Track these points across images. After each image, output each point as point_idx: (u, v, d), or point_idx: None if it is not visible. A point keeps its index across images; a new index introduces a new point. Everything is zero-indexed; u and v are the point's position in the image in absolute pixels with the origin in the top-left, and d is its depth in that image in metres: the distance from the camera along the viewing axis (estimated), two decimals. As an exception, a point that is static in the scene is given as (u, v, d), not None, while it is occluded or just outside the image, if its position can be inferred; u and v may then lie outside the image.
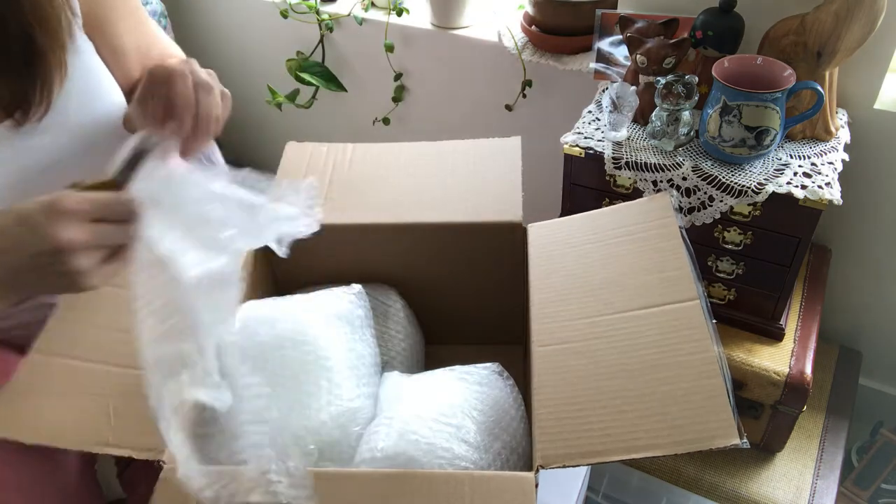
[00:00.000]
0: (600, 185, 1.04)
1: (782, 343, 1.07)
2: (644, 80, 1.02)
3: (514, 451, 0.67)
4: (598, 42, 1.16)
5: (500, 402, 0.69)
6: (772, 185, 0.92)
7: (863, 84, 1.05)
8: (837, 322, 1.32)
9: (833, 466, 1.14)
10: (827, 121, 0.99)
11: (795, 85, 0.91)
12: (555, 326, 0.68)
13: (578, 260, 0.74)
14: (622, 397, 0.60)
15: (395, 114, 1.62)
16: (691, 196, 0.98)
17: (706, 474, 1.14)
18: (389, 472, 0.58)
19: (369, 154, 0.91)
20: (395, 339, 0.85)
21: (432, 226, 0.81)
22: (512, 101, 1.41)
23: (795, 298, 1.13)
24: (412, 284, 0.89)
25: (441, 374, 0.73)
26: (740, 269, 1.03)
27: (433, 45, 1.46)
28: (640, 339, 0.64)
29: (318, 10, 1.52)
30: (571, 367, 0.64)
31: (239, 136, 2.03)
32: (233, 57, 1.80)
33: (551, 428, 0.60)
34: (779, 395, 1.04)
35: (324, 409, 0.68)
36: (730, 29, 1.00)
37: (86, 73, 0.73)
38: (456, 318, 0.93)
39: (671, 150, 1.00)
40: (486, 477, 0.57)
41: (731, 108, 0.91)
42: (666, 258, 0.71)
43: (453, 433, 0.64)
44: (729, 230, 0.99)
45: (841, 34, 0.92)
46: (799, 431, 1.17)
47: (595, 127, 1.07)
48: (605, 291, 0.69)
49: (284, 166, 0.90)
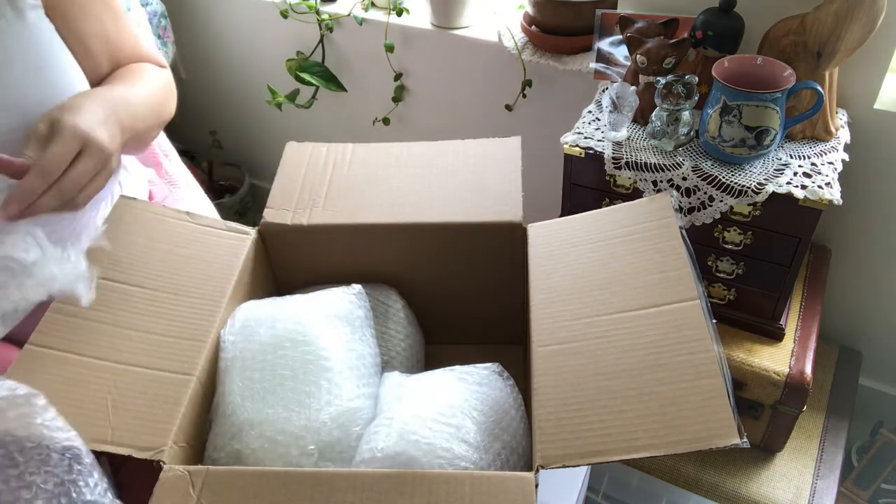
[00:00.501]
0: (600, 185, 1.04)
1: (782, 343, 1.07)
2: (644, 80, 1.02)
3: (514, 451, 0.67)
4: (598, 42, 1.16)
5: (500, 403, 0.69)
6: (772, 185, 0.92)
7: (863, 84, 1.05)
8: (837, 322, 1.32)
9: (833, 466, 1.14)
10: (827, 121, 0.99)
11: (795, 85, 0.91)
12: (555, 326, 0.68)
13: (578, 260, 0.73)
14: (622, 397, 0.60)
15: (395, 114, 1.62)
16: (691, 196, 0.98)
17: (706, 474, 1.15)
18: (389, 472, 0.58)
19: (369, 154, 0.91)
20: (395, 339, 0.85)
21: (432, 226, 0.81)
22: (512, 101, 1.41)
23: (795, 298, 1.13)
24: (412, 284, 0.89)
25: (441, 374, 0.73)
26: (740, 269, 1.03)
27: (433, 45, 1.46)
28: (640, 339, 0.64)
29: (318, 10, 1.52)
30: (571, 367, 0.64)
31: (239, 136, 2.03)
32: (233, 57, 1.80)
33: (551, 428, 0.60)
34: (779, 395, 1.04)
35: (324, 409, 0.68)
36: (730, 29, 1.00)
37: (35, 50, 0.72)
38: (456, 318, 0.93)
39: (671, 150, 1.00)
40: (485, 477, 0.57)
41: (731, 108, 0.91)
42: (666, 258, 0.70)
43: (453, 433, 0.64)
44: (729, 230, 0.99)
45: (841, 34, 0.92)
46: (799, 431, 1.17)
47: (595, 127, 1.07)
48: (605, 291, 0.69)
49: (284, 166, 0.90)
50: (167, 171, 1.08)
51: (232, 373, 0.70)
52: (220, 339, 0.72)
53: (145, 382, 0.66)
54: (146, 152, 1.08)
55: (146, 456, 0.60)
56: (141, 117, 0.79)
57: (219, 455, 0.68)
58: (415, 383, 0.72)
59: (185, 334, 0.70)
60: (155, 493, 0.58)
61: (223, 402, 0.70)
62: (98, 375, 0.66)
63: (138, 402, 0.64)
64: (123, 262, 0.75)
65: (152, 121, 0.83)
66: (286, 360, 0.70)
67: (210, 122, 2.03)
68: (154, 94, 0.83)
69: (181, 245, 0.78)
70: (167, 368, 0.67)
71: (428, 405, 0.67)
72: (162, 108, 0.85)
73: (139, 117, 0.78)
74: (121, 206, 0.80)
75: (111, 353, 0.67)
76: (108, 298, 0.71)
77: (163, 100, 0.86)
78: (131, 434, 0.62)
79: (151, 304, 0.72)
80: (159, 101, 0.84)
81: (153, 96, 0.83)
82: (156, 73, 0.86)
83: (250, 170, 2.11)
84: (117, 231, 0.77)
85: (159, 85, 0.85)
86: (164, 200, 1.02)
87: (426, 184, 0.86)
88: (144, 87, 0.82)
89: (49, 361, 0.66)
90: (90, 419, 0.62)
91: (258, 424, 0.67)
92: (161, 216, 0.80)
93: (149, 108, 0.81)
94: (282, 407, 0.68)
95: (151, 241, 0.77)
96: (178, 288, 0.74)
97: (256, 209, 1.66)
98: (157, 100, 0.84)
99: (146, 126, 0.81)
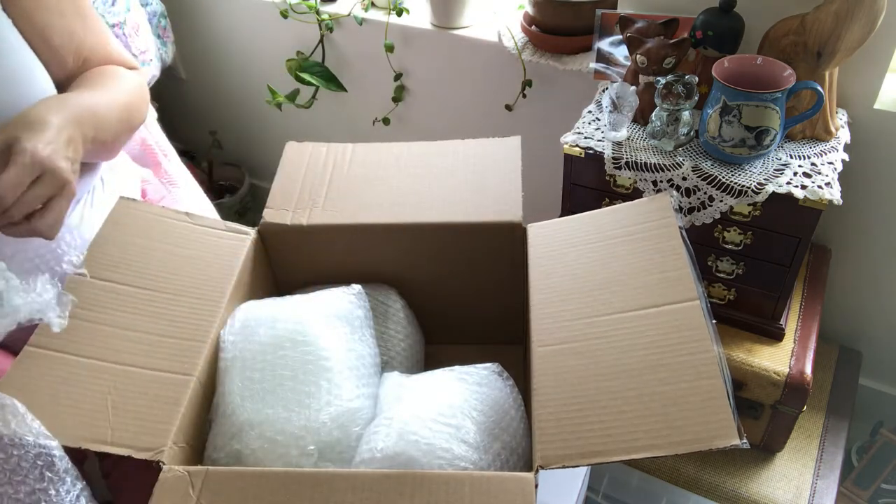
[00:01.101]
0: (600, 185, 1.04)
1: (782, 343, 1.07)
2: (644, 80, 1.02)
3: (514, 451, 0.66)
4: (598, 42, 1.16)
5: (499, 403, 0.69)
6: (772, 185, 0.92)
7: (863, 84, 1.05)
8: (837, 322, 1.32)
9: (833, 466, 1.14)
10: (827, 121, 0.99)
11: (795, 85, 0.91)
12: (555, 326, 0.68)
13: (578, 260, 0.73)
14: (622, 397, 0.60)
15: (395, 114, 1.62)
16: (691, 196, 0.98)
17: (706, 474, 1.14)
18: (389, 472, 0.58)
19: (369, 154, 0.91)
20: (395, 339, 0.85)
21: (432, 226, 0.81)
22: (512, 101, 1.41)
23: (795, 298, 1.13)
24: (412, 284, 0.89)
25: (441, 374, 0.73)
26: (740, 269, 1.03)
27: (433, 45, 1.46)
28: (640, 339, 0.64)
29: (318, 10, 1.52)
30: (571, 367, 0.64)
31: (239, 136, 2.03)
32: (233, 57, 1.80)
33: (551, 428, 0.60)
34: (779, 395, 1.04)
35: (323, 410, 0.68)
36: (730, 29, 1.00)
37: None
38: (456, 318, 0.93)
39: (671, 150, 1.00)
40: (485, 477, 0.57)
41: (731, 108, 0.91)
42: (666, 258, 0.70)
43: (453, 433, 0.64)
44: (729, 230, 0.99)
45: (841, 34, 0.92)
46: (799, 431, 1.17)
47: (595, 127, 1.07)
48: (605, 291, 0.69)
49: (284, 166, 0.90)
50: (166, 171, 1.08)
51: (232, 373, 0.70)
52: (220, 339, 0.72)
53: (145, 383, 0.66)
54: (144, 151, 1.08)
55: (146, 456, 0.60)
56: (108, 127, 0.76)
57: (218, 455, 0.68)
58: (415, 383, 0.72)
59: (185, 335, 0.70)
60: (155, 494, 0.58)
61: (223, 402, 0.70)
62: (97, 376, 0.66)
63: (138, 403, 0.64)
64: (123, 262, 0.75)
65: (121, 129, 0.81)
66: (286, 360, 0.70)
67: (210, 122, 2.03)
68: (124, 102, 0.81)
69: (181, 245, 0.78)
70: (167, 369, 0.67)
71: (428, 405, 0.66)
72: (132, 115, 0.83)
73: (106, 128, 0.76)
74: (120, 207, 0.80)
75: (111, 354, 0.67)
76: (107, 299, 0.71)
77: (133, 107, 0.83)
78: (131, 434, 0.62)
79: (151, 304, 0.72)
80: (129, 108, 0.82)
81: (123, 104, 0.80)
82: (128, 78, 0.84)
83: (250, 170, 2.11)
84: (117, 231, 0.77)
85: (130, 90, 0.83)
86: (161, 200, 1.01)
87: (426, 184, 0.86)
88: (115, 93, 0.79)
89: (48, 362, 0.66)
90: (90, 420, 0.62)
91: (258, 425, 0.67)
92: (160, 216, 0.80)
93: (118, 116, 0.79)
94: (281, 407, 0.68)
95: (151, 241, 0.77)
96: (178, 288, 0.74)
97: (256, 209, 1.66)
98: (128, 107, 0.81)
99: (114, 135, 0.79)
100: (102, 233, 0.77)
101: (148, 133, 1.11)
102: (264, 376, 0.69)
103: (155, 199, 1.01)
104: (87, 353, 0.67)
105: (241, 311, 0.74)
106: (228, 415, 0.68)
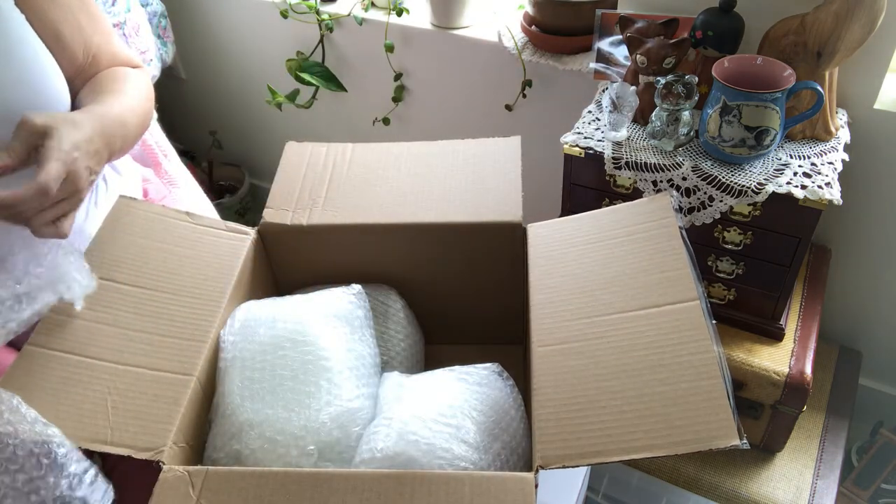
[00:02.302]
0: (600, 185, 1.04)
1: (782, 343, 1.07)
2: (644, 80, 1.02)
3: (514, 451, 0.66)
4: (598, 42, 1.16)
5: (499, 403, 0.69)
6: (772, 185, 0.92)
7: (863, 84, 1.05)
8: (837, 322, 1.32)
9: (833, 466, 1.14)
10: (827, 121, 0.99)
11: (795, 85, 0.91)
12: (555, 326, 0.68)
13: (578, 260, 0.73)
14: (622, 397, 0.60)
15: (395, 114, 1.62)
16: (691, 196, 0.98)
17: (706, 474, 1.15)
18: (389, 472, 0.58)
19: (369, 154, 0.91)
20: (395, 339, 0.85)
21: (432, 226, 0.81)
22: (512, 101, 1.41)
23: (795, 298, 1.13)
24: (412, 284, 0.89)
25: (441, 374, 0.73)
26: (740, 269, 1.03)
27: (433, 45, 1.46)
28: (640, 339, 0.64)
29: (318, 10, 1.52)
30: (571, 367, 0.64)
31: (239, 136, 2.03)
32: (233, 57, 1.80)
33: (551, 428, 0.60)
34: (779, 395, 1.04)
35: (323, 410, 0.68)
36: (730, 29, 1.00)
37: (6, 40, 0.72)
38: (456, 318, 0.93)
39: (671, 150, 1.00)
40: (485, 477, 0.57)
41: (731, 108, 0.91)
42: (666, 258, 0.70)
43: (453, 433, 0.64)
44: (729, 230, 0.99)
45: (841, 34, 0.92)
46: (799, 431, 1.17)
47: (595, 127, 1.07)
48: (605, 291, 0.69)
49: (284, 166, 0.90)
50: (166, 171, 1.08)
51: (232, 373, 0.70)
52: (220, 339, 0.72)
53: (145, 383, 0.66)
54: (144, 151, 1.08)
55: (146, 456, 0.60)
56: (131, 136, 0.80)
57: (218, 455, 0.68)
58: (414, 383, 0.72)
59: (185, 335, 0.70)
60: (155, 494, 0.58)
61: (223, 402, 0.70)
62: (97, 376, 0.66)
63: (138, 403, 0.64)
64: (123, 262, 0.75)
65: (139, 134, 0.84)
66: (286, 360, 0.70)
67: (210, 122, 2.03)
68: (143, 108, 0.84)
69: (181, 245, 0.78)
70: (167, 369, 0.67)
71: (428, 405, 0.66)
72: (147, 119, 0.86)
73: (129, 137, 0.80)
74: (120, 206, 0.80)
75: (111, 354, 0.67)
76: (107, 298, 0.71)
77: (148, 111, 0.86)
78: (131, 434, 0.62)
79: (151, 304, 0.72)
80: (146, 113, 0.85)
81: (143, 110, 0.83)
82: (140, 80, 0.86)
83: (250, 170, 2.11)
84: (117, 230, 0.77)
85: (143, 94, 0.85)
86: (161, 200, 1.01)
87: (426, 184, 0.86)
88: (134, 100, 0.82)
89: (48, 362, 0.66)
90: (90, 419, 0.62)
91: (258, 425, 0.67)
92: (161, 216, 0.80)
93: (138, 122, 0.82)
94: (281, 407, 0.68)
95: (151, 241, 0.77)
96: (178, 288, 0.74)
97: (256, 209, 1.66)
98: (145, 112, 0.84)
99: (133, 142, 0.82)
100: (102, 232, 0.77)
101: (148, 133, 1.10)
102: (264, 376, 0.69)
103: (157, 199, 1.01)
104: (87, 353, 0.67)
105: (240, 311, 0.74)
106: (228, 415, 0.68)
